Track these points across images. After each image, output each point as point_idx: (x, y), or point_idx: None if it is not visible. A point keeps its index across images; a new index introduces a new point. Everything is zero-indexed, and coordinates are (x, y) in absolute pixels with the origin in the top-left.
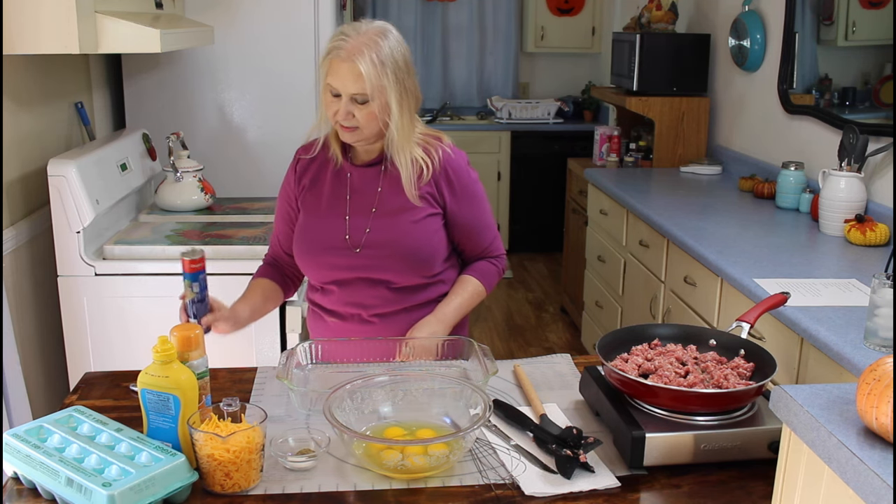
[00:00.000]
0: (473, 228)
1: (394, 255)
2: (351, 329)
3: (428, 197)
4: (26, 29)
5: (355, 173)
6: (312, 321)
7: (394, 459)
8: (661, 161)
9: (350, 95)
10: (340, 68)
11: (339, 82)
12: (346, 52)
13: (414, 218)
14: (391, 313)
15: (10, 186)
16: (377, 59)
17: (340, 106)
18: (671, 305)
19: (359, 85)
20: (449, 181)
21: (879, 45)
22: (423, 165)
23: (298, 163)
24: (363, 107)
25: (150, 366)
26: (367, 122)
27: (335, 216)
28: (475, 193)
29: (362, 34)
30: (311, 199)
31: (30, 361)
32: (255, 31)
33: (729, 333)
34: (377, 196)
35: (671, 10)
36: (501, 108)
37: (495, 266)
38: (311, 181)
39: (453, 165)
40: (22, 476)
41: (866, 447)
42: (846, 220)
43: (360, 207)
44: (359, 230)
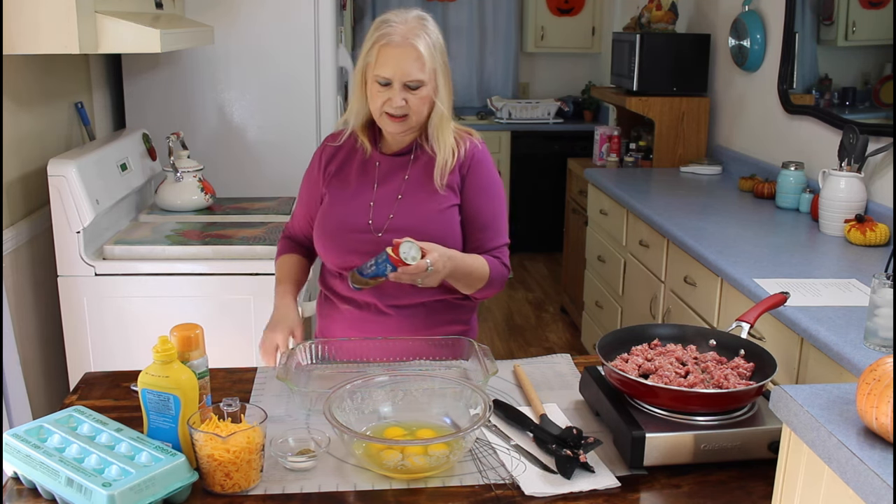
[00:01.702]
0: (483, 222)
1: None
2: (365, 318)
3: (452, 187)
4: (26, 29)
5: (384, 162)
6: (325, 308)
7: (394, 459)
8: (661, 161)
9: (404, 81)
10: (394, 54)
11: (392, 69)
12: (399, 37)
13: (440, 207)
14: (408, 306)
15: (10, 186)
16: (430, 41)
17: (393, 94)
18: (671, 305)
19: (416, 68)
20: (472, 172)
21: (879, 45)
22: (452, 154)
23: (325, 150)
24: (416, 92)
25: (150, 366)
26: (419, 107)
27: (360, 202)
28: (495, 191)
29: (409, 20)
30: (336, 185)
31: (30, 361)
32: (255, 31)
33: (729, 333)
34: (404, 183)
35: (671, 10)
36: (501, 108)
37: (504, 267)
38: (337, 168)
39: (479, 158)
40: (22, 476)
41: (866, 447)
42: (846, 220)
43: (386, 194)
44: (382, 215)
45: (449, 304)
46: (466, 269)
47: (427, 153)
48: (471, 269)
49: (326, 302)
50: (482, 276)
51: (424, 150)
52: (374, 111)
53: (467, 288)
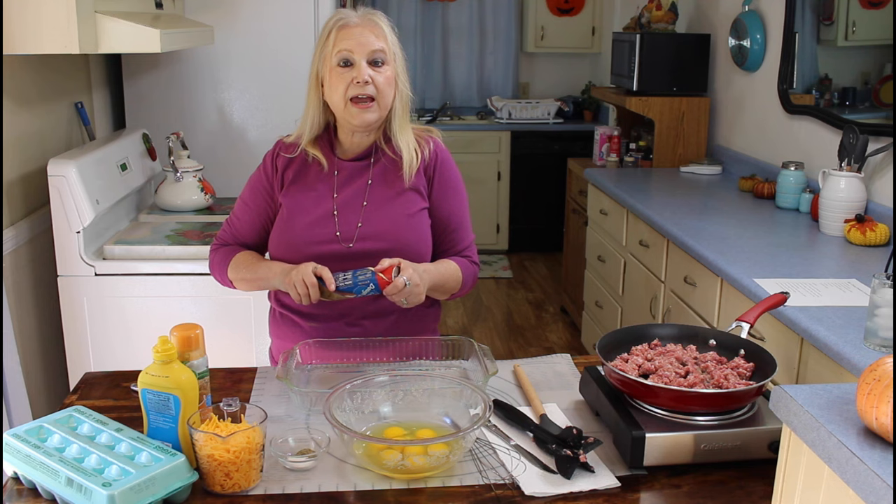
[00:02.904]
0: (455, 224)
1: (389, 247)
2: (331, 330)
3: (419, 189)
4: (26, 29)
5: (343, 168)
6: (281, 327)
7: (394, 459)
8: (661, 161)
9: (367, 56)
10: (353, 31)
11: (354, 43)
12: (357, 18)
13: (408, 211)
14: (379, 314)
15: (10, 186)
16: (387, 25)
17: (358, 71)
18: (671, 305)
19: (378, 41)
20: (438, 172)
21: (879, 45)
22: (415, 154)
23: (279, 157)
24: (380, 70)
25: (150, 366)
26: (385, 88)
27: (322, 211)
28: (460, 189)
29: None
30: (294, 195)
31: (30, 361)
32: (255, 31)
33: (729, 333)
34: (367, 189)
35: (671, 10)
36: (501, 108)
37: (473, 265)
38: (294, 176)
39: (443, 157)
40: (22, 476)
41: (866, 447)
42: (846, 220)
43: (349, 201)
44: (350, 225)
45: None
46: (441, 279)
47: (388, 155)
48: (445, 278)
49: (283, 320)
50: (456, 282)
51: (385, 153)
52: (338, 102)
53: (444, 295)
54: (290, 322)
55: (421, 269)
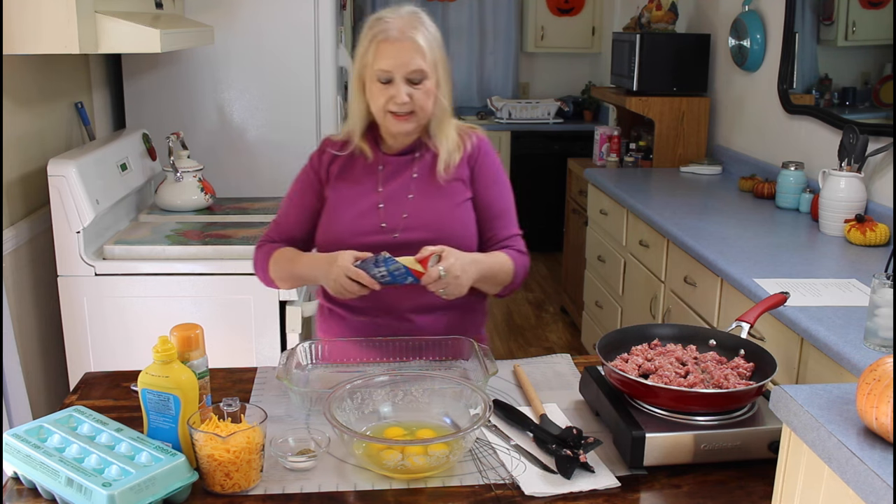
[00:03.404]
0: (496, 211)
1: (435, 237)
2: (380, 326)
3: (463, 180)
4: (26, 29)
5: (388, 163)
6: (330, 323)
7: (394, 459)
8: (661, 161)
9: (406, 75)
10: (393, 48)
11: (392, 62)
12: (397, 31)
13: (454, 202)
14: (426, 309)
15: (10, 186)
16: (428, 34)
17: (396, 90)
18: (671, 305)
19: (417, 59)
20: (480, 163)
21: (879, 45)
22: (457, 148)
23: (324, 153)
24: (419, 86)
25: (150, 366)
26: (424, 102)
27: (367, 204)
28: (502, 180)
29: (403, 16)
30: (340, 191)
31: (30, 361)
32: (255, 31)
33: (729, 333)
34: (412, 182)
35: (671, 10)
36: (501, 108)
37: (523, 255)
38: (339, 172)
39: (486, 149)
40: (22, 476)
41: (866, 447)
42: (846, 220)
43: (395, 194)
44: (395, 216)
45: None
46: (490, 269)
47: (431, 150)
48: (495, 269)
49: (331, 317)
50: (507, 273)
51: (428, 148)
52: (377, 112)
53: (495, 287)
54: (338, 318)
55: (467, 259)
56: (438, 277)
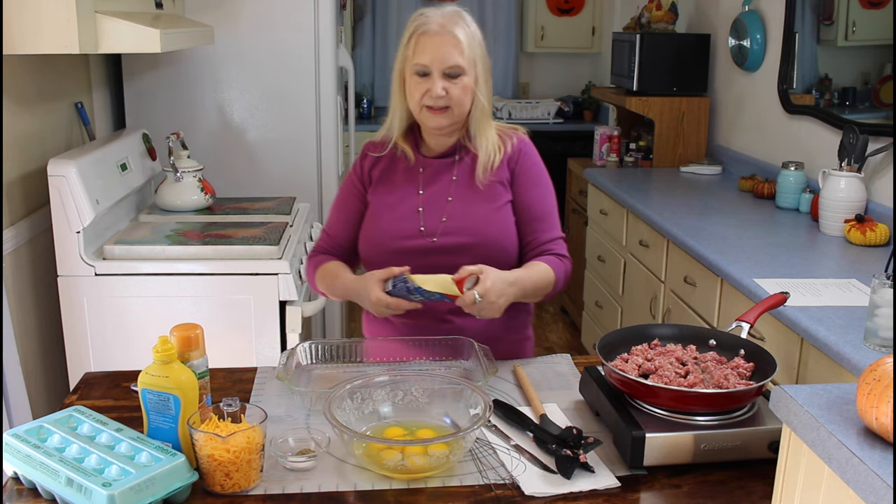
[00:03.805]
0: (536, 213)
1: (474, 242)
2: (422, 328)
3: (503, 182)
4: (26, 29)
5: (428, 166)
6: (375, 325)
7: (394, 459)
8: (661, 161)
9: (443, 70)
10: (431, 42)
11: (430, 57)
12: (437, 25)
13: (493, 205)
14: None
15: (10, 186)
16: (469, 31)
17: (432, 84)
18: (671, 305)
19: (455, 54)
20: (521, 164)
21: (879, 45)
22: (497, 150)
23: (366, 157)
24: (456, 81)
25: (150, 366)
26: (461, 98)
27: (407, 208)
28: (544, 183)
29: (445, 13)
30: (381, 194)
31: (30, 361)
32: (255, 31)
33: (729, 333)
34: (452, 185)
35: (671, 10)
36: (501, 108)
37: (563, 261)
38: (380, 175)
39: (527, 150)
40: (22, 476)
41: (866, 447)
42: (846, 220)
43: (434, 198)
44: (434, 220)
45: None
46: (533, 286)
47: (472, 153)
48: (537, 284)
49: (376, 321)
50: (549, 283)
51: (469, 151)
52: (414, 106)
53: (538, 298)
54: (383, 320)
55: (506, 281)
56: (473, 302)
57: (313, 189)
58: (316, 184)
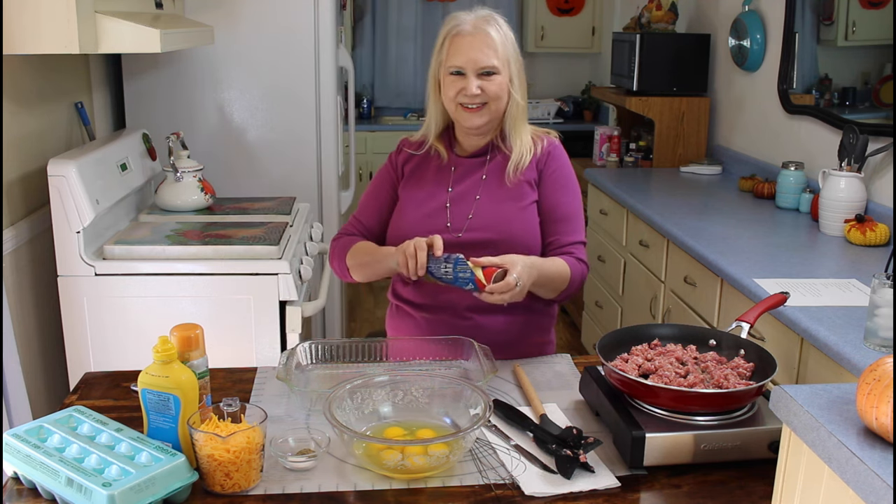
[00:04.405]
0: (560, 215)
1: (498, 238)
2: (443, 324)
3: (530, 182)
4: (26, 29)
5: (460, 165)
6: (396, 320)
7: (394, 459)
8: (661, 161)
9: (478, 70)
10: (465, 42)
11: (465, 57)
12: (471, 26)
13: (519, 205)
14: (488, 309)
15: (10, 186)
16: (502, 32)
17: (467, 83)
18: (671, 305)
19: (490, 54)
20: (549, 166)
21: (879, 45)
22: (528, 151)
23: (401, 152)
24: (491, 79)
25: (150, 366)
26: (497, 93)
27: (436, 203)
28: (571, 186)
29: (478, 14)
30: (411, 188)
31: (30, 361)
32: (256, 31)
33: (729, 333)
34: (481, 184)
35: (671, 10)
36: None
37: (581, 264)
38: (412, 171)
39: (556, 153)
40: (22, 476)
41: (866, 447)
42: (846, 220)
43: (463, 195)
44: (461, 217)
45: (528, 308)
46: (549, 274)
47: (503, 153)
48: (552, 275)
49: (399, 314)
50: (564, 279)
51: (501, 151)
52: (449, 104)
53: (550, 293)
54: (405, 315)
55: (529, 265)
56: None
57: (313, 189)
58: (316, 184)
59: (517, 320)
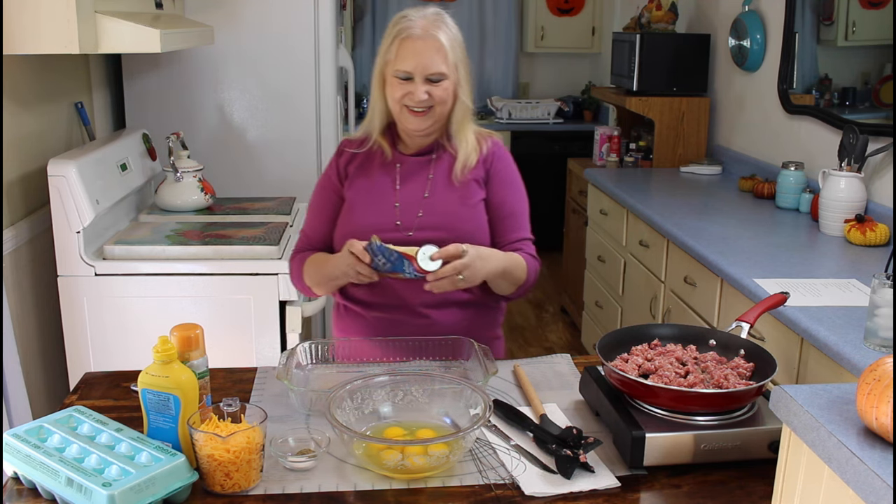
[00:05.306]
0: (507, 211)
1: (449, 237)
2: (399, 322)
3: (478, 181)
4: (26, 29)
5: (405, 163)
6: (346, 321)
7: (394, 459)
8: (661, 161)
9: (426, 76)
10: (415, 46)
11: (413, 62)
12: (420, 29)
13: (468, 203)
14: (441, 304)
15: (10, 186)
16: (451, 34)
17: (414, 87)
18: (671, 305)
19: (438, 61)
20: (495, 165)
21: (879, 45)
22: (474, 150)
23: (342, 154)
24: (439, 84)
25: (150, 366)
26: (444, 97)
27: (384, 203)
28: (517, 184)
29: (427, 15)
30: (357, 189)
31: (30, 361)
32: (256, 31)
33: (729, 333)
34: (428, 182)
35: (671, 10)
36: (501, 108)
37: (534, 260)
38: (356, 171)
39: (501, 152)
40: (22, 476)
41: (866, 447)
42: (846, 220)
43: (411, 194)
44: (410, 215)
45: (479, 303)
46: (508, 265)
47: (449, 153)
48: (512, 266)
49: (349, 315)
50: (522, 271)
51: (447, 150)
52: (394, 105)
53: (510, 286)
54: (354, 315)
55: (486, 254)
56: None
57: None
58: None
59: (468, 314)
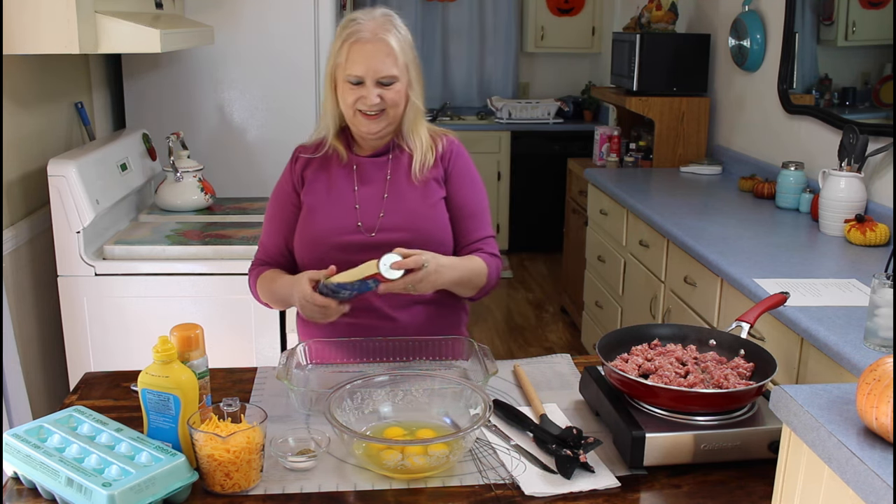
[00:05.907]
0: (469, 211)
1: (411, 237)
2: (365, 325)
3: (437, 179)
4: (26, 29)
5: (361, 165)
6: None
7: (394, 459)
8: (661, 161)
9: (377, 78)
10: (365, 50)
11: (364, 67)
12: (369, 33)
13: (428, 201)
14: (406, 304)
15: (10, 186)
16: (400, 36)
17: (366, 91)
18: (671, 305)
19: (389, 64)
20: (454, 163)
21: (879, 45)
22: (430, 149)
23: (297, 159)
24: (389, 88)
25: (150, 366)
26: (396, 100)
27: (344, 205)
28: (476, 181)
29: (376, 17)
30: (316, 193)
31: (30, 361)
32: (255, 31)
33: (729, 333)
34: (386, 183)
35: (671, 10)
36: (501, 108)
37: (495, 258)
38: (314, 175)
39: (458, 150)
40: (22, 476)
41: (866, 447)
42: (846, 220)
43: (370, 195)
44: (371, 216)
45: (442, 303)
46: (467, 272)
47: (405, 152)
48: (470, 274)
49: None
50: (481, 276)
51: (403, 150)
52: (347, 110)
53: (470, 291)
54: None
55: (445, 263)
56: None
57: None
58: None
59: (433, 314)
